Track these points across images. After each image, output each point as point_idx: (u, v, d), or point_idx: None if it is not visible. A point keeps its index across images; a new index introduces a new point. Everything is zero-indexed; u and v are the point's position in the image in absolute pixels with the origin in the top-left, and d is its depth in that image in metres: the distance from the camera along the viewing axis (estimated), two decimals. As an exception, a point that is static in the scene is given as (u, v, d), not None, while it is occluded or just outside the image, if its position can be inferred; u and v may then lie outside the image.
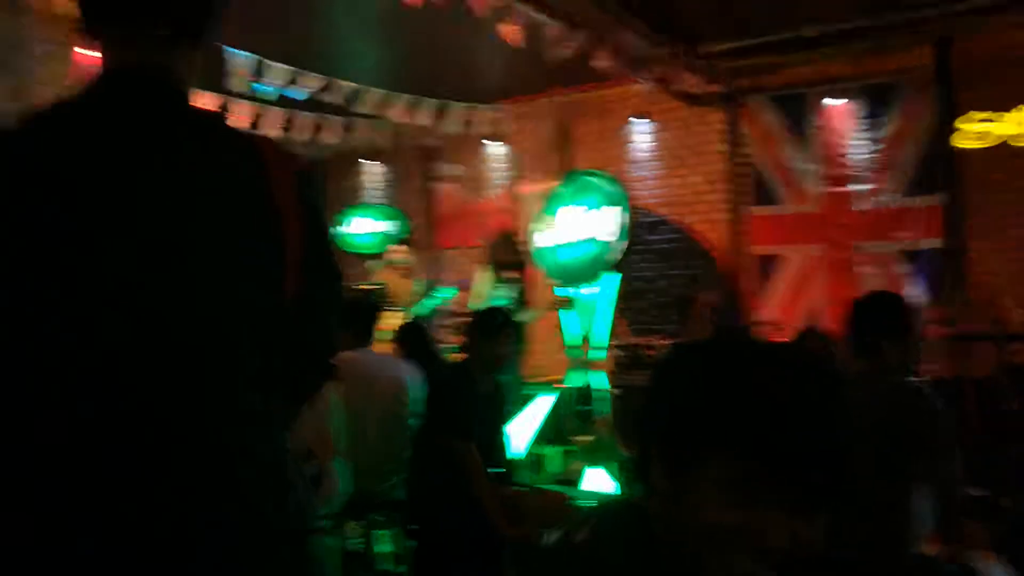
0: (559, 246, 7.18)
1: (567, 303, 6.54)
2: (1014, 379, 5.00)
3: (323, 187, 9.66)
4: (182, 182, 1.11)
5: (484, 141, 8.56)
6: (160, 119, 1.15)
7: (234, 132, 1.22)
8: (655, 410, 0.97)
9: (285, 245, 1.15)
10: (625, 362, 5.73)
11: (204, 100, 6.00)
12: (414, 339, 4.40)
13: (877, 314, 2.59)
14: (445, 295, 6.44)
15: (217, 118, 1.25)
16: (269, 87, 5.84)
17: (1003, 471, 4.62)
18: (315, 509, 2.94)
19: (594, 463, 4.98)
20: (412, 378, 3.68)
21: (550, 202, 7.38)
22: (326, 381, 1.31)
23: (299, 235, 1.17)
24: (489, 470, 3.46)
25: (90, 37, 1.19)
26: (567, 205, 7.19)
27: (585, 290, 6.95)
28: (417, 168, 9.25)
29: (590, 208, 6.98)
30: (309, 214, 1.20)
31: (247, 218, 1.14)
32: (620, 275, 6.80)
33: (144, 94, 1.15)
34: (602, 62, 5.93)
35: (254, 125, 6.55)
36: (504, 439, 3.77)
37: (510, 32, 5.04)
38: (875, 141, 6.71)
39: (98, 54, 1.19)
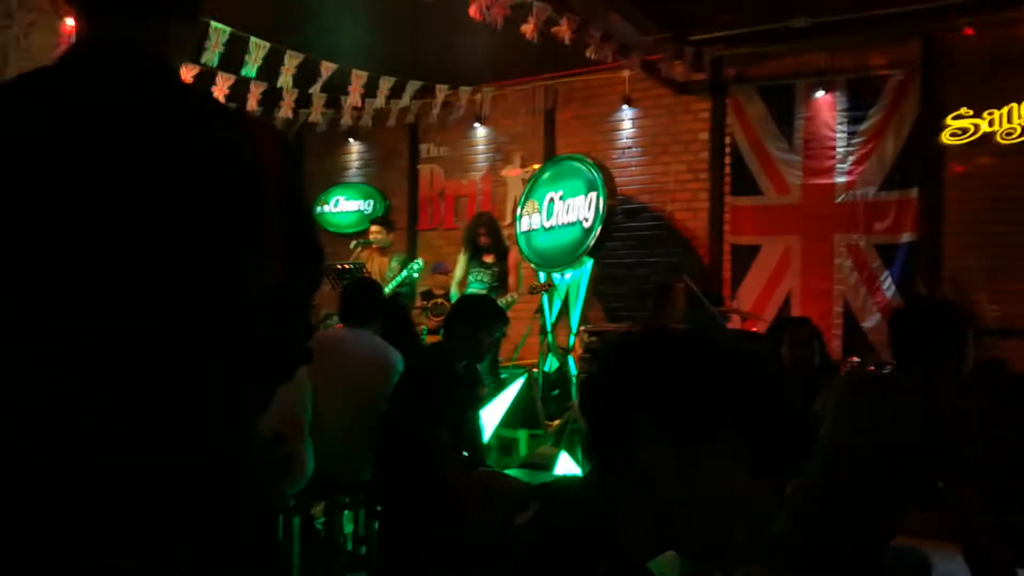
0: (540, 230, 7.17)
1: (548, 288, 6.53)
2: (985, 374, 5.05)
3: (303, 166, 9.64)
4: (164, 158, 1.07)
5: (468, 123, 8.51)
6: (140, 93, 1.11)
7: (221, 108, 1.19)
8: (651, 386, 1.00)
9: (269, 226, 1.13)
10: (595, 348, 5.74)
11: (183, 72, 5.92)
12: (393, 318, 4.36)
13: (947, 329, 2.42)
14: (414, 269, 6.38)
15: (203, 94, 1.21)
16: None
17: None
18: (282, 493, 2.94)
19: (563, 447, 5.00)
20: (399, 364, 3.64)
21: (532, 186, 7.36)
22: (301, 365, 1.26)
23: (283, 216, 1.15)
24: (460, 453, 3.46)
25: (68, 4, 1.16)
26: (549, 190, 7.17)
27: (566, 275, 6.96)
28: (400, 148, 9.19)
29: (572, 193, 6.97)
30: (294, 195, 1.17)
31: (232, 197, 1.10)
32: (593, 261, 6.79)
33: (123, 66, 1.12)
34: (589, 45, 5.89)
35: (235, 100, 6.48)
36: (478, 422, 3.77)
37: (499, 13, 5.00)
38: (858, 134, 6.73)
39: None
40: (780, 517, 2.46)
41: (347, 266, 6.26)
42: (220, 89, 6.16)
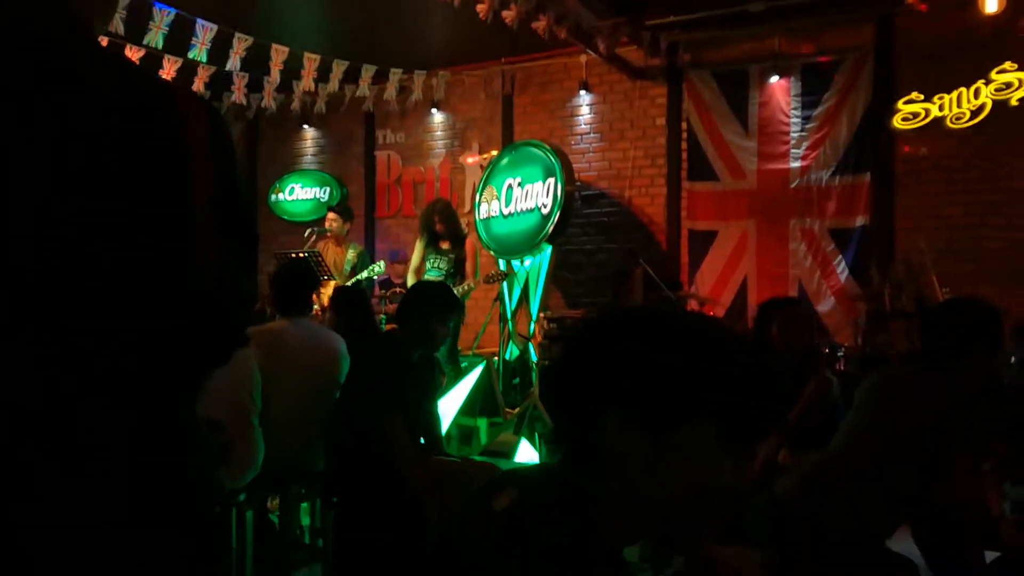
0: (499, 217, 7.13)
1: (504, 276, 6.50)
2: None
3: (254, 157, 9.42)
4: (79, 123, 1.01)
5: (425, 109, 8.42)
6: (51, 53, 1.03)
7: (143, 74, 1.12)
8: (617, 374, 0.96)
9: (195, 202, 1.07)
10: (555, 334, 5.73)
11: (130, 55, 5.76)
12: (352, 306, 4.30)
13: (972, 325, 2.50)
14: (375, 271, 6.35)
15: (123, 58, 1.14)
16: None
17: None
18: (221, 482, 2.87)
19: (523, 435, 4.98)
20: (345, 355, 3.60)
21: (490, 172, 7.31)
22: (235, 350, 1.20)
23: (211, 192, 1.08)
24: (418, 442, 3.42)
25: None
26: (507, 176, 7.13)
27: (525, 262, 6.94)
28: (356, 135, 9.07)
29: (530, 179, 6.93)
30: (222, 170, 1.11)
31: (152, 169, 1.04)
32: (552, 247, 6.79)
33: (41, 29, 1.04)
34: (545, 27, 5.84)
35: (178, 82, 6.31)
36: (435, 411, 3.73)
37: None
38: (812, 119, 6.79)
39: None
40: (789, 485, 2.54)
41: (302, 255, 6.15)
42: (167, 72, 6.00)
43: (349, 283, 6.15)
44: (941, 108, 6.32)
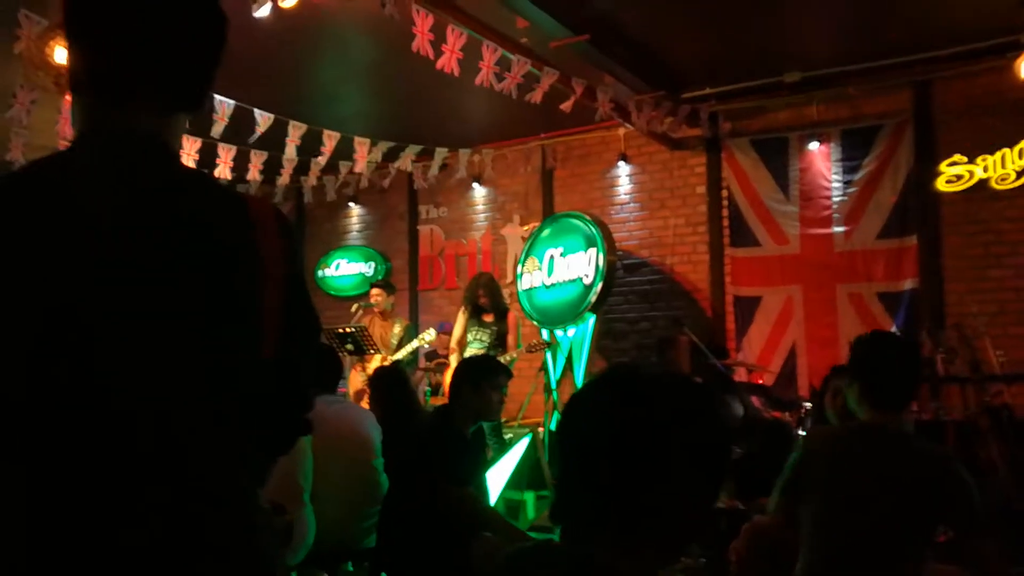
0: (541, 287, 7.20)
1: (546, 346, 6.52)
2: (993, 421, 5.00)
3: (302, 235, 9.68)
4: (173, 249, 1.11)
5: (467, 184, 8.61)
6: (150, 183, 1.15)
7: (224, 192, 1.23)
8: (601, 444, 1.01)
9: (267, 305, 1.16)
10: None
11: (186, 144, 6.02)
12: (391, 383, 4.36)
13: (915, 363, 2.33)
14: (426, 338, 6.43)
15: (207, 179, 1.26)
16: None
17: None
18: (284, 562, 2.90)
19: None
20: (374, 426, 3.66)
21: (532, 244, 7.41)
22: (301, 437, 1.30)
23: (282, 296, 1.17)
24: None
25: (81, 96, 1.19)
26: (549, 247, 7.22)
27: (568, 331, 6.96)
28: (400, 210, 9.29)
29: (572, 250, 7.01)
30: (292, 273, 1.21)
31: (234, 282, 1.14)
32: (596, 316, 6.80)
33: (137, 158, 1.16)
34: (584, 105, 5.99)
35: (235, 168, 6.57)
36: (484, 487, 3.73)
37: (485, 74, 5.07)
38: (853, 183, 6.79)
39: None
40: None
41: (349, 329, 6.26)
42: (224, 160, 6.25)
43: (398, 356, 6.24)
44: (985, 169, 6.28)
